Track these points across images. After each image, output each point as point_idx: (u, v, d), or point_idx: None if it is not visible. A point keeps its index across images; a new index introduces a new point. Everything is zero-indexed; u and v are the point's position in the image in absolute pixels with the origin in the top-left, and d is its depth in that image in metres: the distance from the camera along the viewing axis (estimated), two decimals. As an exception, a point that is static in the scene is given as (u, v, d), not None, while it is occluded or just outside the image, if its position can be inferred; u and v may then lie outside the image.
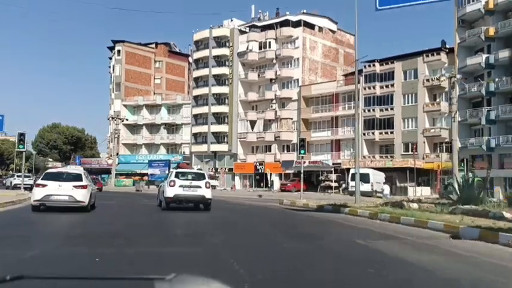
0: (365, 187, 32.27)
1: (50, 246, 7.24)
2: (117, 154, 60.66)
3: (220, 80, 60.27)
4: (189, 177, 16.15)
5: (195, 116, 61.24)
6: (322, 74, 56.60)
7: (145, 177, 55.78)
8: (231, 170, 57.27)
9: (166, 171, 41.77)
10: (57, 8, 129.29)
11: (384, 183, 38.03)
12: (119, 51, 65.42)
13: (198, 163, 57.67)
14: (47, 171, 16.59)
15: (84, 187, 13.96)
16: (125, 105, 63.93)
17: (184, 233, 9.75)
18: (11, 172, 73.27)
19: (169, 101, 63.41)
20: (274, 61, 56.21)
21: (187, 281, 1.52)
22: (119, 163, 61.39)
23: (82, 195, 13.75)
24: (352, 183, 32.19)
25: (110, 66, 73.88)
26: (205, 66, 60.35)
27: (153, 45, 69.42)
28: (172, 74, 70.96)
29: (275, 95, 55.56)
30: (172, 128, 63.53)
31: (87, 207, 14.04)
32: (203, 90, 60.37)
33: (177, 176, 16.02)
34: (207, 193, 15.62)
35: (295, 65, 55.55)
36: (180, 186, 15.33)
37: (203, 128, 59.83)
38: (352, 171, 33.85)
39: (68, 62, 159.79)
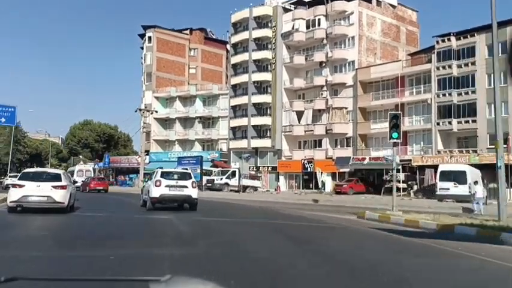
0: (460, 189, 23.90)
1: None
2: (148, 152, 54.46)
3: (261, 65, 52.79)
4: (175, 176, 15.97)
5: (234, 108, 54.04)
6: (381, 55, 47.86)
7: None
8: (274, 168, 49.56)
9: (198, 170, 34.66)
10: None
11: (476, 182, 29.03)
12: (149, 37, 59.22)
13: (237, 161, 50.36)
14: (24, 170, 16.32)
15: (63, 187, 13.78)
16: (157, 98, 57.61)
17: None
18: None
19: (205, 92, 56.49)
20: (325, 41, 48.00)
21: (182, 282, 1.53)
22: (149, 161, 55.18)
23: (61, 196, 13.57)
24: (442, 185, 23.71)
25: (142, 57, 67.96)
26: (245, 51, 53.01)
27: (188, 32, 62.81)
28: (208, 62, 64.13)
29: (326, 80, 47.37)
30: (208, 121, 56.62)
31: (67, 208, 13.86)
32: (242, 78, 53.06)
33: (162, 175, 15.75)
34: (193, 193, 15.43)
35: (349, 44, 47.11)
36: (166, 186, 15.06)
37: (242, 121, 52.50)
38: (442, 168, 25.28)
39: (100, 52, 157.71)
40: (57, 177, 14.10)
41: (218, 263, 6.05)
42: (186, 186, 15.42)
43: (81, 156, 68.56)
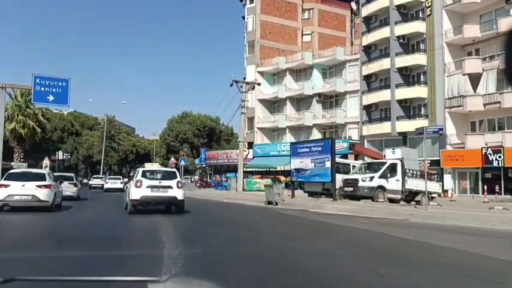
0: None
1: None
2: (251, 144, 41.07)
3: (408, 13, 36.20)
4: (158, 176, 14.71)
5: (367, 78, 38.16)
6: None
7: (284, 178, 34.97)
8: (435, 163, 32.50)
9: (327, 164, 19.72)
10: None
11: None
12: (251, -4, 45.94)
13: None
14: (10, 171, 16.21)
15: (47, 186, 14.41)
16: (261, 73, 43.99)
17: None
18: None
19: (325, 59, 41.29)
20: (518, -42, 29.83)
21: (181, 282, 1.53)
22: (254, 156, 41.79)
23: (45, 195, 14.18)
24: None
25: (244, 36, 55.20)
26: (382, -5, 36.87)
27: (299, -12, 48.26)
28: (327, 27, 48.87)
29: (524, 19, 29.13)
30: (330, 100, 41.42)
31: (51, 206, 14.42)
32: (380, 34, 36.92)
33: (144, 175, 14.48)
34: (179, 194, 14.09)
35: None
36: (148, 186, 13.84)
37: (381, 95, 36.40)
38: None
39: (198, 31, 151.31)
40: (41, 177, 14.84)
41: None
42: (170, 187, 13.96)
43: (183, 152, 57.91)
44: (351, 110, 39.46)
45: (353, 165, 22.42)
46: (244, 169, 39.06)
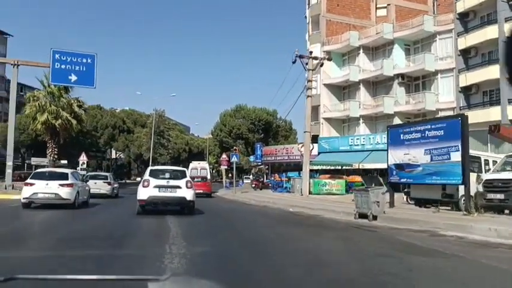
0: None
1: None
2: (316, 138, 34.25)
3: (525, -37, 27.68)
4: (166, 175, 13.97)
5: (465, 54, 30.08)
6: None
7: (359, 178, 27.85)
8: None
9: (454, 155, 12.47)
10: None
11: None
12: (315, -36, 38.89)
13: (477, 147, 26.37)
14: (35, 171, 17.90)
15: (69, 185, 15.03)
16: (327, 52, 36.75)
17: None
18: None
19: (409, 32, 33.47)
20: None
21: (180, 281, 1.53)
22: (319, 152, 34.88)
23: (67, 193, 14.82)
24: None
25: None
26: None
27: (372, -46, 40.53)
28: (406, -2, 40.79)
29: None
30: (415, 82, 33.58)
31: (74, 204, 15.01)
32: (484, -6, 28.71)
33: (152, 174, 13.97)
34: (189, 194, 13.49)
35: None
36: (156, 186, 13.28)
37: (485, 74, 28.21)
38: None
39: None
40: (64, 176, 15.42)
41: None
42: (179, 187, 13.43)
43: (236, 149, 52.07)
44: (443, 94, 31.47)
45: (485, 160, 14.89)
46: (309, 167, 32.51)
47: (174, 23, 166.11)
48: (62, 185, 14.82)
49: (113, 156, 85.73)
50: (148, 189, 13.26)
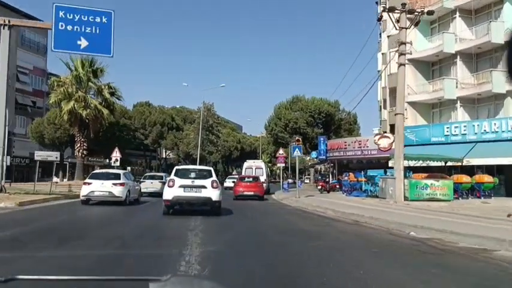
0: None
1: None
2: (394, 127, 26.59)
3: None
4: (192, 175, 13.83)
5: None
6: None
7: (480, 177, 20.32)
8: None
9: None
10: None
11: None
12: None
13: None
14: (92, 172, 19.91)
15: (121, 184, 16.83)
16: (410, 19, 29.05)
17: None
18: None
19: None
20: None
21: (182, 282, 1.53)
22: (406, 145, 27.30)
23: (119, 192, 16.61)
24: None
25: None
26: None
27: None
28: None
29: None
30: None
31: (125, 201, 16.75)
32: None
33: (177, 173, 13.82)
34: (214, 194, 13.21)
35: None
36: (181, 186, 13.16)
37: None
38: None
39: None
40: (117, 176, 17.28)
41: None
42: (204, 187, 13.23)
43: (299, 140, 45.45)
44: None
45: None
46: (390, 164, 25.41)
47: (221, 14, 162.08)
48: (114, 184, 16.53)
49: (163, 155, 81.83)
50: (173, 189, 13.09)
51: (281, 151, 33.36)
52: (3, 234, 8.63)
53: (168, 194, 13.00)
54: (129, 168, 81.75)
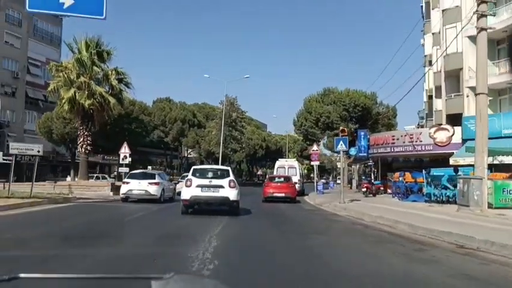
0: None
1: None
2: (455, 119, 22.10)
3: None
4: (209, 175, 13.85)
5: None
6: None
7: None
8: None
9: None
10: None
11: None
12: None
13: None
14: (131, 172, 21.08)
15: (156, 184, 18.40)
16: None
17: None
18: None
19: None
20: None
21: (184, 280, 1.55)
22: (465, 139, 22.75)
23: (155, 190, 18.14)
24: None
25: None
26: None
27: None
28: None
29: None
30: None
31: (160, 199, 18.28)
32: None
33: (194, 173, 13.85)
34: (232, 194, 13.18)
35: None
36: (198, 186, 13.17)
37: None
38: None
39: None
40: (152, 176, 19.10)
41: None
42: (221, 186, 13.17)
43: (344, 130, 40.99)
44: None
45: None
46: (452, 161, 20.93)
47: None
48: (150, 183, 18.22)
49: (184, 154, 78.30)
50: (190, 189, 13.11)
51: (315, 147, 28.92)
52: None
53: (186, 193, 13.11)
54: (149, 167, 78.82)
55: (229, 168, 15.11)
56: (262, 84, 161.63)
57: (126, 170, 24.56)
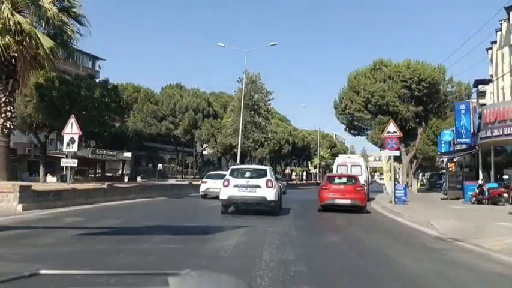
0: None
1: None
2: None
3: None
4: (247, 174, 14.13)
5: None
6: None
7: None
8: None
9: None
10: None
11: None
12: None
13: None
14: (208, 173, 26.26)
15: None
16: None
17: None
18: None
19: None
20: None
21: (200, 275, 1.58)
22: None
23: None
24: None
25: None
26: None
27: None
28: None
29: None
30: None
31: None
32: None
33: (232, 173, 14.31)
34: (269, 194, 13.26)
35: None
36: (235, 186, 13.45)
37: None
38: None
39: None
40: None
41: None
42: (258, 186, 13.31)
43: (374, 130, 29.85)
44: None
45: None
46: None
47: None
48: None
49: (198, 149, 67.69)
50: (228, 189, 13.40)
51: (392, 126, 17.68)
52: None
53: (224, 193, 13.46)
54: (160, 165, 68.43)
55: (267, 167, 15.18)
56: (288, 63, 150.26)
57: (73, 162, 13.96)
